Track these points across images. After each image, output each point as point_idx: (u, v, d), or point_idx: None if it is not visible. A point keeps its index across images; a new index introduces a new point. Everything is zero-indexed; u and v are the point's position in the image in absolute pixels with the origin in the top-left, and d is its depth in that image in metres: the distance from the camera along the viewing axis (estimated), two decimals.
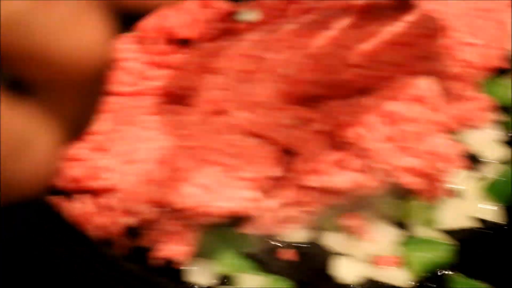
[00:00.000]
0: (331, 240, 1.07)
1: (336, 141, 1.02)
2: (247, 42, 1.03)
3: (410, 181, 0.99)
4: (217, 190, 0.97)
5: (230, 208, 0.96)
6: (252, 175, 0.99)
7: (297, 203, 1.04)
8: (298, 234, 1.07)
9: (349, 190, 1.02)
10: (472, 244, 1.07)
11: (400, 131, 0.99)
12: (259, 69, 1.00)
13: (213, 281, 1.03)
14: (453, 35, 1.16)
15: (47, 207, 0.95)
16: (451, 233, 1.09)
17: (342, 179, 1.01)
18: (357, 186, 1.01)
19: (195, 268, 1.03)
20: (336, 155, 1.01)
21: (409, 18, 1.01)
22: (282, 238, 1.07)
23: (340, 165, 1.02)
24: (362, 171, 1.01)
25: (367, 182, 1.01)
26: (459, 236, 1.08)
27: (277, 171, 1.00)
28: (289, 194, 1.03)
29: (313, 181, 1.01)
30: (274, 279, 1.01)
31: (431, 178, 1.03)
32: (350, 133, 1.00)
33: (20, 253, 1.10)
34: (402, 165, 0.99)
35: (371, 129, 0.99)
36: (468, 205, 1.11)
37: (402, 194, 1.08)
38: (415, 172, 0.99)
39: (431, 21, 1.01)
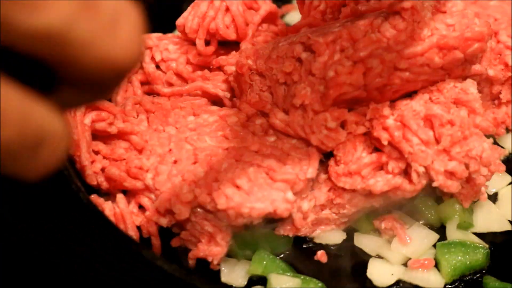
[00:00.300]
0: (364, 242, 1.07)
1: (375, 143, 1.02)
2: (290, 45, 1.02)
3: (448, 184, 0.99)
4: (252, 191, 0.97)
5: (264, 209, 0.96)
6: (286, 176, 0.99)
7: (331, 205, 1.05)
8: (331, 236, 1.08)
9: (385, 193, 1.01)
10: (506, 248, 1.07)
11: (440, 134, 0.99)
12: (301, 71, 1.00)
13: (246, 281, 1.03)
14: (498, 39, 1.16)
15: (88, 206, 0.96)
16: (486, 236, 1.08)
17: (378, 182, 1.01)
18: (393, 189, 1.01)
19: (229, 268, 1.04)
20: (373, 157, 1.02)
21: (452, 20, 1.00)
22: (314, 239, 1.08)
23: (377, 167, 1.02)
24: (399, 173, 1.01)
25: (403, 185, 1.00)
26: (494, 239, 1.08)
27: (311, 173, 1.00)
28: (324, 195, 1.04)
29: (348, 183, 1.02)
30: (305, 280, 1.01)
31: (470, 182, 1.03)
32: (390, 135, 1.00)
33: (60, 250, 1.12)
34: (441, 168, 0.98)
35: (411, 131, 0.99)
36: (503, 209, 1.11)
37: (439, 196, 1.08)
38: (454, 175, 0.99)
39: (475, 24, 1.00)
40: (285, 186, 0.98)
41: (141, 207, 1.04)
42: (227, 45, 1.21)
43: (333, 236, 1.08)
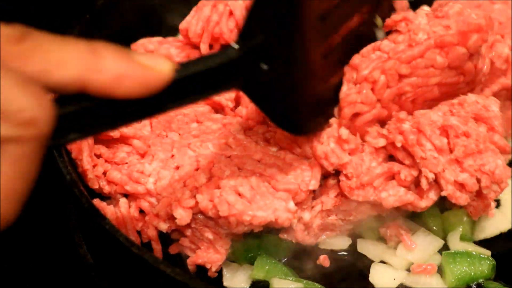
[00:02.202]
0: (368, 248, 1.07)
1: (389, 149, 1.02)
2: None
3: (457, 195, 0.99)
4: (254, 200, 0.97)
5: (265, 218, 0.96)
6: (288, 186, 0.99)
7: (338, 211, 1.05)
8: (336, 241, 1.08)
9: (394, 206, 1.01)
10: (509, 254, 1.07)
11: (454, 144, 0.98)
12: None
13: (248, 286, 1.04)
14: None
15: (90, 210, 0.96)
16: (491, 243, 1.08)
17: (390, 197, 1.00)
18: (405, 204, 1.01)
19: (231, 272, 1.04)
20: (385, 167, 1.01)
21: (449, 22, 1.00)
22: (319, 245, 1.08)
23: (389, 177, 1.02)
24: (411, 182, 1.01)
25: (415, 202, 1.00)
26: (499, 247, 1.08)
27: (314, 185, 1.00)
28: (331, 201, 1.03)
29: (361, 196, 1.01)
30: (308, 284, 1.02)
31: (480, 196, 1.02)
32: (404, 139, 0.99)
33: (61, 253, 1.12)
34: (451, 178, 0.98)
35: (426, 137, 0.99)
36: (505, 214, 1.11)
37: (447, 206, 1.08)
38: (464, 187, 0.98)
39: (471, 18, 0.99)
40: (287, 196, 0.98)
41: (141, 212, 1.04)
42: None
43: (339, 242, 1.08)
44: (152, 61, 0.71)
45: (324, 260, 1.06)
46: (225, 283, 1.03)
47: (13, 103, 0.62)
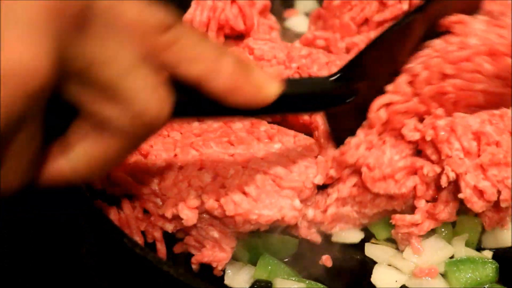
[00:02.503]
0: (376, 252, 1.07)
1: (419, 143, 1.02)
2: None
3: (473, 200, 0.99)
4: (260, 198, 0.97)
5: (272, 217, 0.96)
6: (293, 184, 0.99)
7: (353, 202, 1.05)
8: (349, 234, 1.08)
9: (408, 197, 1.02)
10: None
11: (483, 150, 0.98)
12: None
13: (249, 285, 1.03)
14: None
15: (93, 210, 0.96)
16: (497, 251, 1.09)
17: (404, 187, 1.01)
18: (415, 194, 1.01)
19: (234, 271, 1.04)
20: (408, 161, 1.01)
21: (505, 32, 1.00)
22: (332, 237, 1.08)
23: (411, 171, 1.02)
24: (432, 179, 1.01)
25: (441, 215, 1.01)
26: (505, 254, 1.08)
27: (319, 180, 1.01)
28: (347, 189, 1.03)
29: (382, 188, 1.01)
30: (310, 284, 1.02)
31: (497, 207, 1.02)
32: (435, 134, 1.00)
33: (64, 255, 1.12)
34: (472, 182, 0.98)
35: (456, 136, 0.99)
36: None
37: (462, 210, 1.06)
38: (482, 195, 0.98)
39: None
40: (292, 194, 0.99)
41: (145, 212, 1.04)
42: (228, 39, 1.22)
43: (351, 235, 1.08)
44: (265, 80, 0.75)
45: (326, 260, 1.06)
46: (226, 281, 1.03)
47: (139, 102, 0.65)
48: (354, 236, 1.08)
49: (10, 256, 1.14)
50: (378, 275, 1.05)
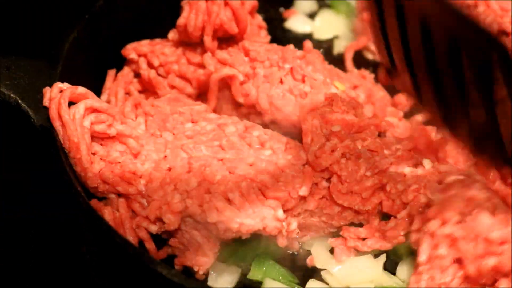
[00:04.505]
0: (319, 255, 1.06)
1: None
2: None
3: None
4: (243, 207, 0.97)
5: (253, 226, 0.97)
6: (278, 194, 0.99)
7: (321, 213, 1.05)
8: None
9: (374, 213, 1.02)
10: None
11: (456, 248, 0.96)
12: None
13: (231, 286, 1.03)
14: None
15: (88, 210, 0.97)
16: None
17: (369, 204, 1.02)
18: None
19: (217, 273, 1.03)
20: (375, 180, 1.02)
21: None
22: (303, 245, 1.07)
23: (378, 189, 1.03)
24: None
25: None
26: None
27: (304, 191, 1.01)
28: (314, 202, 1.03)
29: (347, 201, 1.02)
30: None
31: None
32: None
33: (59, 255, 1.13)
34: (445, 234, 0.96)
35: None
36: None
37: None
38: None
39: None
40: (276, 204, 0.99)
41: (133, 212, 1.04)
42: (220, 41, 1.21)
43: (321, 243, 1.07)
44: None
45: (310, 261, 1.06)
46: (209, 283, 1.03)
47: None
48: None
49: (10, 256, 1.15)
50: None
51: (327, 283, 1.04)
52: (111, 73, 1.24)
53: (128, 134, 1.06)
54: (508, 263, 0.91)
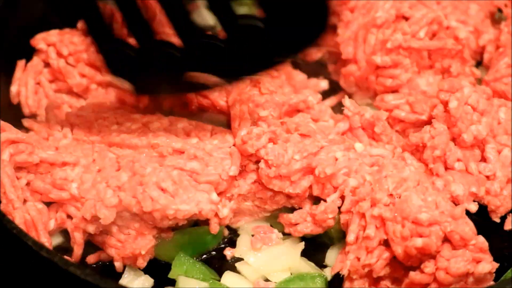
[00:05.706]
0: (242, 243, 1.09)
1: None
2: None
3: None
4: (178, 194, 0.99)
5: (189, 211, 0.98)
6: (210, 178, 1.01)
7: (254, 197, 1.07)
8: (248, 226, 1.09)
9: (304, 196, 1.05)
10: None
11: (385, 229, 0.99)
12: None
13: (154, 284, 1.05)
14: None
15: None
16: None
17: (299, 188, 1.03)
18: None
19: (132, 276, 1.05)
20: (304, 163, 1.03)
21: None
22: (238, 230, 1.09)
23: (307, 172, 1.04)
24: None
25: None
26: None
27: (234, 170, 1.03)
28: (247, 186, 1.06)
29: (277, 186, 1.04)
30: (213, 285, 1.03)
31: None
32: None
33: None
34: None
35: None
36: None
37: None
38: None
39: None
40: (209, 188, 1.01)
41: (67, 216, 1.04)
42: None
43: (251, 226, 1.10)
44: None
45: (232, 253, 1.08)
46: (121, 281, 1.04)
47: None
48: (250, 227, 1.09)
49: None
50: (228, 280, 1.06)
51: (243, 275, 1.05)
52: (21, 63, 1.23)
53: (52, 161, 1.05)
54: (435, 245, 0.94)
